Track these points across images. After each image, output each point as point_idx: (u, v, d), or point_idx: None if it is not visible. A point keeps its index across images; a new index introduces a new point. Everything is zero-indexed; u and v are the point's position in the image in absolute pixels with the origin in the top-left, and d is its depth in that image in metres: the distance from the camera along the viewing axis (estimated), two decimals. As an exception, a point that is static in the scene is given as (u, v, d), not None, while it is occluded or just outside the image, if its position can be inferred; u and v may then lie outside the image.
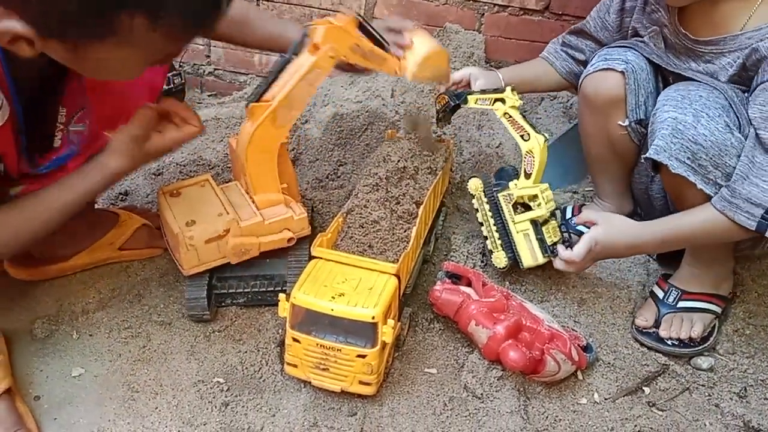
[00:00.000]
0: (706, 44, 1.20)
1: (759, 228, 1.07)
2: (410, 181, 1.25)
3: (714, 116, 1.11)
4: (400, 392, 1.13)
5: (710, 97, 1.13)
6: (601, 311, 1.35)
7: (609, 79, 1.31)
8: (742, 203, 1.08)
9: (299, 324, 1.05)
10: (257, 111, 1.10)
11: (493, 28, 1.96)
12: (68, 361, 1.16)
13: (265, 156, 1.16)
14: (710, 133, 1.10)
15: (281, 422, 1.07)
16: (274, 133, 1.13)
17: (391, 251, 1.14)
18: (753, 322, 1.33)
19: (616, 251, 1.26)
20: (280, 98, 1.09)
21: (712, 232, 1.13)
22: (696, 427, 1.14)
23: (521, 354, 1.08)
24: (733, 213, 1.09)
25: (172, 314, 1.26)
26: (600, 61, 1.33)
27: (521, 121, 1.27)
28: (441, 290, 1.19)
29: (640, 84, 1.29)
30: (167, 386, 1.12)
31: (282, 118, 1.12)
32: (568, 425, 1.11)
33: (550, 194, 1.31)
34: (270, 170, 1.18)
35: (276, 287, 1.23)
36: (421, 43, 1.18)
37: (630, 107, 1.30)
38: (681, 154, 1.12)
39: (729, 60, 1.18)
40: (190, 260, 1.15)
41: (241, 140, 1.14)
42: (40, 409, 1.08)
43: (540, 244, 1.28)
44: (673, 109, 1.14)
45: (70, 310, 1.25)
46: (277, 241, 1.20)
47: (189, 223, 1.15)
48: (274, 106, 1.10)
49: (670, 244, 1.22)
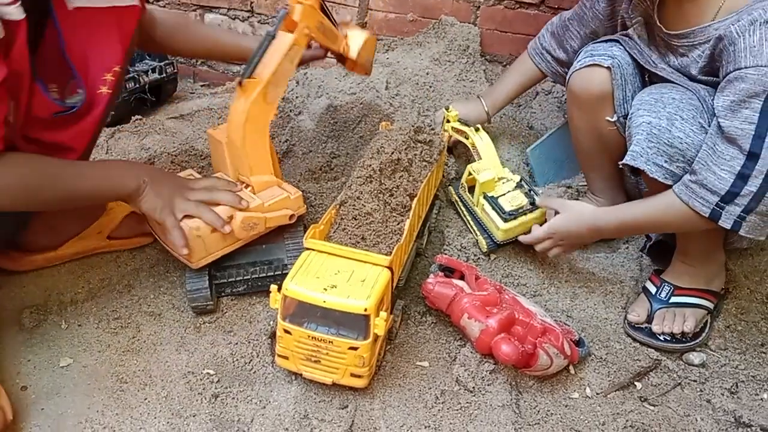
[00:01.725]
0: (679, 38, 1.20)
1: (712, 215, 1.08)
2: (404, 173, 1.24)
3: (688, 118, 1.12)
4: (391, 385, 1.13)
5: (683, 98, 1.14)
6: (594, 306, 1.35)
7: (595, 74, 1.30)
8: (699, 189, 1.08)
9: (291, 316, 1.05)
10: (249, 86, 1.13)
11: (488, 21, 1.95)
12: (56, 352, 1.15)
13: (259, 134, 1.18)
14: (685, 135, 1.11)
15: (271, 414, 1.06)
16: (265, 108, 1.16)
17: (384, 243, 1.13)
18: (745, 318, 1.33)
19: (579, 237, 1.30)
20: (269, 74, 1.13)
21: (670, 217, 1.15)
22: (687, 422, 1.14)
23: (513, 348, 1.08)
24: (688, 197, 1.10)
25: (161, 305, 1.25)
26: (586, 57, 1.32)
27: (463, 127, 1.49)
28: (434, 283, 1.18)
29: (626, 79, 1.29)
30: (156, 377, 1.11)
31: (271, 95, 1.15)
32: (559, 419, 1.11)
33: (498, 168, 1.42)
34: (264, 150, 1.20)
35: (275, 272, 1.23)
36: (357, 31, 1.35)
37: (617, 102, 1.30)
38: (658, 158, 1.13)
39: (699, 52, 1.18)
40: (198, 252, 1.15)
41: (235, 120, 1.15)
42: (28, 400, 1.07)
43: (498, 213, 1.36)
44: (647, 113, 1.15)
45: (58, 300, 1.24)
46: (280, 217, 1.21)
47: (189, 216, 1.13)
48: (266, 81, 1.13)
49: (631, 228, 1.28)
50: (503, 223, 1.35)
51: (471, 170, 1.40)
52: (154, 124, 1.79)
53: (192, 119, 1.84)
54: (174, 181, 1.16)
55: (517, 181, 1.41)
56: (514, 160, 1.74)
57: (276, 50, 1.14)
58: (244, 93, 1.13)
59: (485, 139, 1.46)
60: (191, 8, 2.04)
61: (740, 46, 1.05)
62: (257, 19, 2.03)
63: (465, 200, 1.46)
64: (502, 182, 1.41)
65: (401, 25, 1.99)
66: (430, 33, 1.96)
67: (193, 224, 1.12)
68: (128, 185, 1.09)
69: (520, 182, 1.41)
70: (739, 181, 1.05)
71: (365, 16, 1.99)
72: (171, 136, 1.74)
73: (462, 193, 1.47)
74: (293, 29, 1.14)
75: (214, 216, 1.12)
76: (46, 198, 1.03)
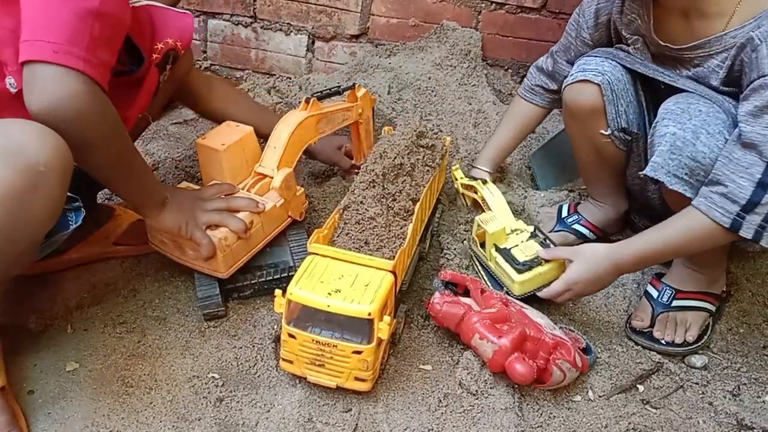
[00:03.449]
0: (692, 50, 1.18)
1: (733, 226, 1.04)
2: (407, 177, 1.24)
3: (714, 132, 1.09)
4: (395, 389, 1.13)
5: (710, 112, 1.12)
6: (596, 309, 1.35)
7: (586, 90, 1.29)
8: (719, 198, 1.05)
9: (295, 320, 1.05)
10: (315, 106, 1.32)
11: (490, 25, 1.96)
12: (62, 356, 1.16)
13: (299, 142, 1.30)
14: (710, 150, 1.09)
15: (276, 418, 1.06)
16: (314, 129, 1.34)
17: (387, 248, 1.14)
18: (747, 321, 1.34)
19: (601, 282, 1.21)
20: (328, 109, 1.36)
21: (691, 236, 1.10)
22: (689, 425, 1.14)
23: (529, 368, 1.07)
24: (707, 208, 1.06)
25: (167, 309, 1.26)
26: (578, 71, 1.31)
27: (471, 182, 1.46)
28: (441, 303, 1.16)
29: (618, 94, 1.28)
30: (162, 381, 1.12)
31: (321, 124, 1.36)
32: (562, 422, 1.11)
33: (510, 220, 1.34)
34: (295, 156, 1.30)
35: (281, 274, 1.24)
36: None
37: (610, 117, 1.30)
38: (679, 171, 1.10)
39: (717, 62, 1.15)
40: (227, 261, 1.17)
41: (290, 119, 1.29)
42: (34, 404, 1.07)
43: (512, 264, 1.26)
44: (673, 124, 1.12)
45: (64, 304, 1.25)
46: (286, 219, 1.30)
47: (212, 228, 1.16)
48: (326, 111, 1.35)
49: (652, 257, 1.18)
50: (518, 275, 1.25)
51: (479, 222, 1.31)
52: (158, 129, 1.80)
53: (196, 125, 1.85)
54: (189, 194, 1.19)
55: (531, 231, 1.32)
56: (517, 164, 1.75)
57: (339, 103, 1.42)
58: (310, 107, 1.31)
59: (495, 193, 1.39)
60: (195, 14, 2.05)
61: (764, 53, 1.03)
62: (260, 25, 2.04)
63: (478, 256, 1.36)
64: (516, 233, 1.31)
65: (403, 30, 2.00)
66: (432, 38, 1.97)
67: (220, 235, 1.14)
68: (151, 200, 1.12)
69: (534, 232, 1.32)
70: (759, 189, 1.01)
71: (367, 21, 2.00)
72: (175, 142, 1.75)
73: (474, 249, 1.38)
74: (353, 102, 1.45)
75: (239, 222, 1.14)
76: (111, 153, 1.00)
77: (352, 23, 1.99)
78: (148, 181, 1.12)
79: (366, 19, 1.99)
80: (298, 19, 2.02)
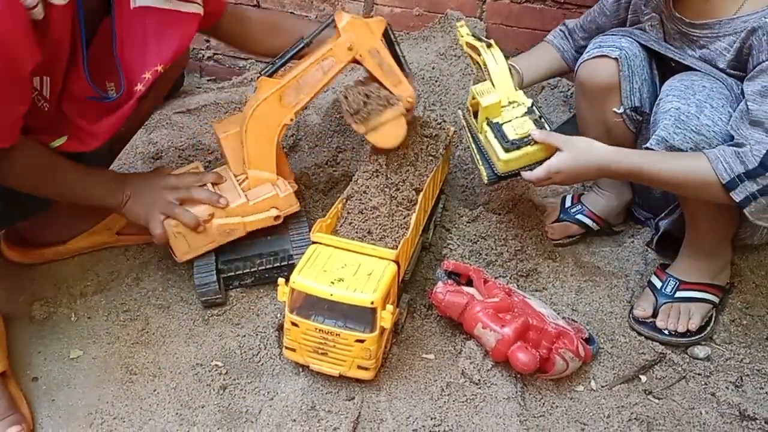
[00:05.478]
0: (701, 28, 1.19)
1: (730, 183, 1.05)
2: (410, 167, 1.24)
3: (717, 107, 1.11)
4: (397, 377, 1.14)
5: (714, 87, 1.13)
6: (599, 300, 1.35)
7: (603, 65, 1.30)
8: (730, 154, 1.05)
9: (298, 308, 1.06)
10: (266, 85, 1.15)
11: (494, 15, 1.95)
12: (66, 343, 1.17)
13: (266, 132, 1.18)
14: (713, 123, 1.10)
15: (279, 405, 1.07)
16: (279, 110, 1.17)
17: (390, 237, 1.14)
18: (750, 313, 1.34)
19: (584, 175, 1.21)
20: (290, 77, 1.14)
21: (691, 176, 1.09)
22: (692, 415, 1.14)
23: (531, 357, 1.07)
24: (715, 158, 1.06)
25: (170, 297, 1.26)
26: (594, 48, 1.32)
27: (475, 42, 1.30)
28: (444, 292, 1.17)
29: (634, 71, 1.28)
30: (165, 369, 1.12)
31: (289, 98, 1.16)
32: (564, 412, 1.12)
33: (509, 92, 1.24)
34: (268, 148, 1.20)
35: (282, 262, 1.24)
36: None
37: (624, 94, 1.30)
38: (684, 145, 1.11)
39: (725, 45, 1.17)
40: (181, 247, 1.19)
41: (244, 112, 1.17)
42: (38, 391, 1.08)
43: (500, 141, 1.21)
44: (677, 99, 1.13)
45: (68, 292, 1.25)
46: (263, 219, 1.21)
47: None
48: (284, 83, 1.14)
49: (645, 175, 1.15)
50: (504, 153, 1.19)
51: (474, 93, 1.24)
52: (161, 118, 1.80)
53: (199, 114, 1.85)
54: (155, 184, 1.20)
55: (528, 105, 1.24)
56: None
57: (310, 56, 1.15)
58: (260, 89, 1.15)
59: (498, 59, 1.26)
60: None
61: None
62: (263, 14, 2.03)
63: (470, 125, 1.30)
64: (512, 107, 1.23)
65: (407, 20, 1.99)
66: (436, 28, 1.96)
67: (173, 222, 1.16)
68: (111, 201, 1.17)
69: (531, 108, 1.23)
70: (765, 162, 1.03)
71: (371, 10, 1.99)
72: (178, 131, 1.75)
73: (467, 117, 1.32)
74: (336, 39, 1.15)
75: (190, 217, 1.16)
76: (47, 192, 1.12)
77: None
78: (100, 189, 1.17)
79: (370, 8, 1.98)
80: (302, 8, 2.01)
